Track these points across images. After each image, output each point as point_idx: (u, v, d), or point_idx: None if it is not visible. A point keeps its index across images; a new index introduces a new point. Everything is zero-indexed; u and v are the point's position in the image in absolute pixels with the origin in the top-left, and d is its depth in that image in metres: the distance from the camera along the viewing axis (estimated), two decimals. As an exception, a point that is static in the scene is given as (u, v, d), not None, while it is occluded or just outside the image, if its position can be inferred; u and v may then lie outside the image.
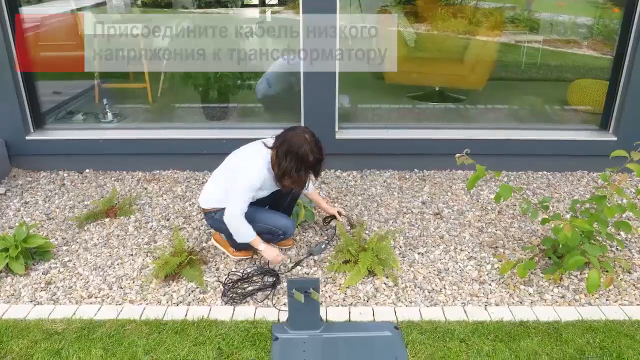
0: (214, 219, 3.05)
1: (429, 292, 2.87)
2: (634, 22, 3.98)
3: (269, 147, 2.90)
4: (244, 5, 5.97)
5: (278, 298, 2.83)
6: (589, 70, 5.63)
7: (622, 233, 3.44)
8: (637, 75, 4.05)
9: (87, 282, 2.97)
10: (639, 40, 3.95)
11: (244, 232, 2.89)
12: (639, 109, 4.15)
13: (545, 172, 4.36)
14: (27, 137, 4.27)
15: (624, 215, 3.65)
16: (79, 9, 5.48)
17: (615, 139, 4.26)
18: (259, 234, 2.94)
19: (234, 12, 5.76)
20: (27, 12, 4.29)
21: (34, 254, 3.16)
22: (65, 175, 4.30)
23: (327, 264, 3.11)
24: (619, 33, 4.16)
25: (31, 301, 2.82)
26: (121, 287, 2.92)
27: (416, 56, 5.88)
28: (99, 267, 3.10)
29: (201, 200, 3.11)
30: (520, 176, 4.30)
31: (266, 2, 6.32)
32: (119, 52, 5.69)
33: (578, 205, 3.08)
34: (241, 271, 3.04)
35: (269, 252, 2.97)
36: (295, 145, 2.79)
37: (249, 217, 2.89)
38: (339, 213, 3.38)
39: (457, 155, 2.96)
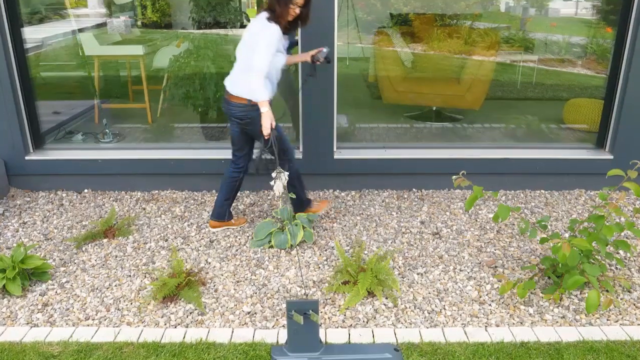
0: (246, 110, 3.22)
1: (429, 313, 2.86)
2: (627, 41, 4.04)
3: (266, 11, 3.18)
4: (243, 27, 6.04)
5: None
6: (584, 89, 5.69)
7: (621, 252, 3.44)
8: (631, 94, 4.10)
9: (85, 303, 2.95)
10: (632, 59, 4.01)
11: (261, 90, 3.08)
12: (634, 127, 4.19)
13: (543, 191, 4.38)
14: (27, 157, 4.28)
15: (622, 234, 3.65)
16: (80, 30, 5.54)
17: (611, 157, 4.28)
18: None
19: (233, 32, 5.82)
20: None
21: (31, 275, 3.14)
22: (64, 195, 4.29)
23: (326, 284, 3.10)
24: (612, 52, 4.22)
25: (27, 323, 2.80)
26: (119, 309, 2.90)
27: (413, 76, 5.94)
28: (97, 288, 3.09)
29: (232, 86, 3.28)
30: (518, 195, 4.32)
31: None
32: (119, 72, 5.76)
33: (577, 224, 3.08)
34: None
35: (267, 118, 3.11)
36: None
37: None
38: (312, 56, 3.49)
39: (454, 177, 2.98)
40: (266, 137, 3.15)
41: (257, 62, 3.09)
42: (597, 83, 5.44)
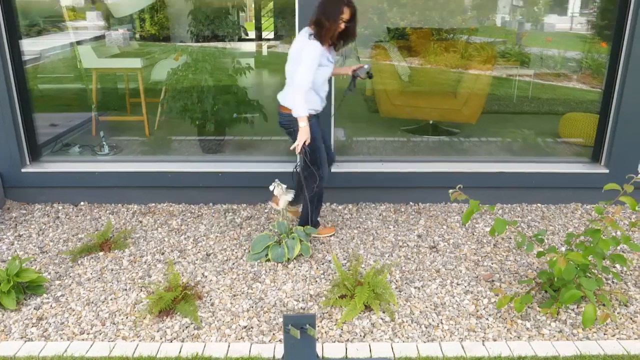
0: (292, 120, 3.27)
1: (426, 327, 2.85)
2: (621, 56, 4.08)
3: (310, 26, 3.28)
4: (241, 40, 6.08)
5: None
6: (580, 103, 5.74)
7: (617, 266, 3.45)
8: (626, 108, 4.13)
9: (80, 317, 2.93)
10: (627, 74, 4.04)
11: (300, 106, 3.19)
12: (629, 141, 4.21)
13: (539, 205, 4.39)
14: (23, 170, 4.27)
15: (618, 248, 3.66)
16: (79, 42, 5.57)
17: (607, 171, 4.30)
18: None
19: (231, 46, 5.86)
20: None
21: (26, 288, 3.12)
22: (60, 207, 4.28)
23: (323, 298, 3.09)
24: (607, 67, 4.26)
25: (21, 337, 2.78)
26: (114, 323, 2.88)
27: (410, 90, 5.98)
28: (92, 302, 3.07)
29: (282, 98, 3.41)
30: (515, 209, 4.32)
31: (263, 37, 6.44)
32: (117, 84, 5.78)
33: (573, 238, 3.09)
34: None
35: (303, 133, 3.23)
36: None
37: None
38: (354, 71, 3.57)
39: (451, 190, 2.99)
40: (297, 151, 3.26)
41: (297, 78, 3.19)
42: (593, 97, 5.48)
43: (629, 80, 4.05)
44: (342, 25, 3.22)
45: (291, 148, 3.28)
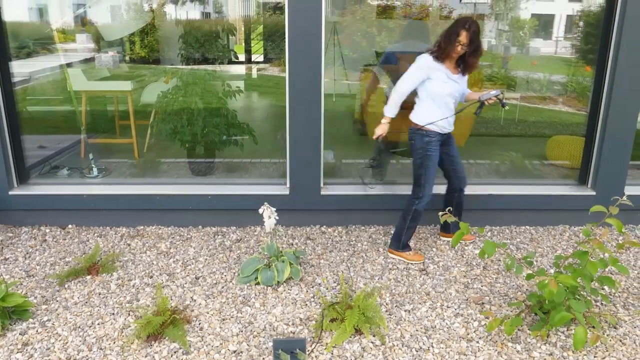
0: (414, 133, 3.64)
1: (417, 351, 2.84)
2: (606, 80, 4.16)
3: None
4: (230, 63, 6.12)
5: None
6: (566, 126, 5.82)
7: (605, 287, 3.47)
8: (611, 131, 4.20)
9: (66, 343, 2.88)
10: (611, 97, 4.12)
11: (391, 106, 3.59)
12: (615, 164, 4.28)
13: (528, 227, 4.42)
14: (10, 192, 4.23)
15: (607, 270, 3.69)
16: (68, 64, 5.57)
17: (593, 193, 4.36)
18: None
19: (221, 69, 5.90)
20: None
21: (11, 313, 3.06)
22: (47, 230, 4.24)
23: (313, 322, 3.06)
24: (592, 90, 4.34)
25: (6, 364, 2.73)
26: (101, 349, 2.83)
27: (399, 113, 6.02)
28: (79, 327, 3.02)
29: (411, 114, 3.70)
30: (504, 231, 4.35)
31: (252, 60, 6.49)
32: (107, 107, 5.78)
33: (562, 260, 3.11)
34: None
35: (380, 127, 3.63)
36: None
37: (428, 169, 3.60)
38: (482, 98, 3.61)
39: (440, 213, 3.01)
40: (374, 137, 3.60)
41: (397, 84, 3.55)
42: (579, 120, 5.57)
43: (613, 103, 4.13)
44: (459, 48, 3.37)
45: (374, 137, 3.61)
